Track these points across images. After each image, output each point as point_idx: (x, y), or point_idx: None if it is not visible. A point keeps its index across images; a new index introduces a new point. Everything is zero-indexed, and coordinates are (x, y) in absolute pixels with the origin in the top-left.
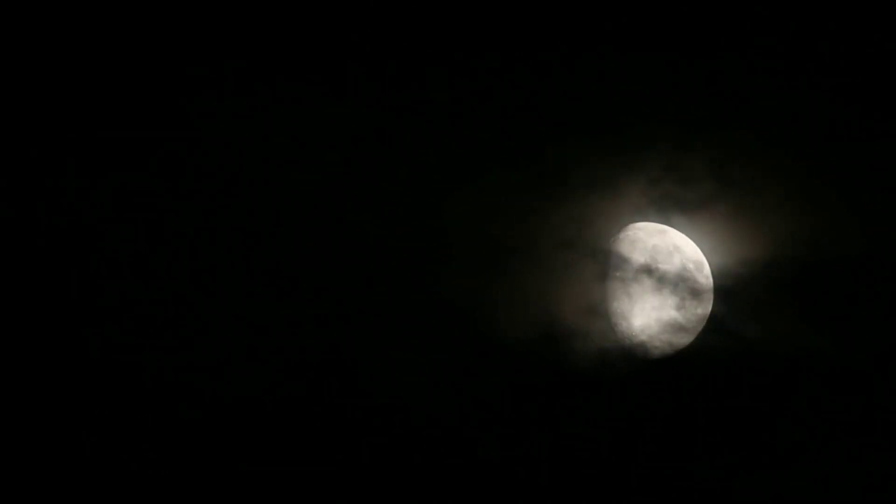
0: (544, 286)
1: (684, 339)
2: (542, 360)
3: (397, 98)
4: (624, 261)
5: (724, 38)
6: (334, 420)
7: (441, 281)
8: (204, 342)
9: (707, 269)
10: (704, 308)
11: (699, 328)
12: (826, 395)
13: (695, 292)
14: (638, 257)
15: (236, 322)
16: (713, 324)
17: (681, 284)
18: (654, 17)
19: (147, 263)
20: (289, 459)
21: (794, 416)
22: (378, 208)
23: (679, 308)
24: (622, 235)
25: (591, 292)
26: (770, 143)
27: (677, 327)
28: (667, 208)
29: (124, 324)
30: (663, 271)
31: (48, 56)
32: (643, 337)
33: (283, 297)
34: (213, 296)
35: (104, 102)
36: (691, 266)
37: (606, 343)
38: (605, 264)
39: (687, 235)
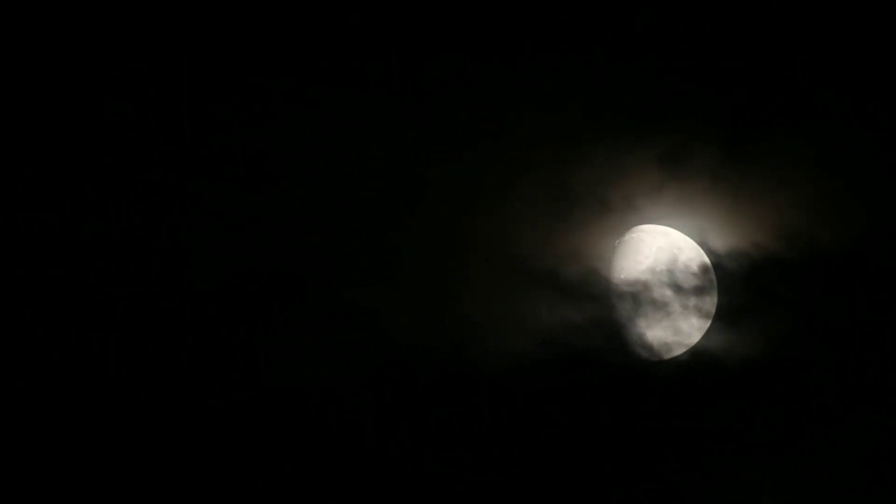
0: (457, 290)
1: (688, 340)
2: (457, 362)
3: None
4: (628, 264)
5: (719, 36)
6: (241, 420)
7: (350, 285)
8: (110, 336)
9: (711, 271)
10: (708, 308)
11: (703, 328)
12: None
13: (698, 293)
14: (642, 259)
15: (147, 320)
16: (716, 323)
17: (684, 286)
18: (655, 17)
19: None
20: (199, 459)
21: (797, 416)
22: (294, 215)
23: (683, 309)
24: (626, 238)
25: (511, 295)
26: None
27: (681, 328)
28: (669, 210)
29: None
30: (667, 273)
31: (48, 56)
32: (649, 339)
33: (198, 302)
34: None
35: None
36: (695, 267)
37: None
38: (606, 268)
39: (689, 237)
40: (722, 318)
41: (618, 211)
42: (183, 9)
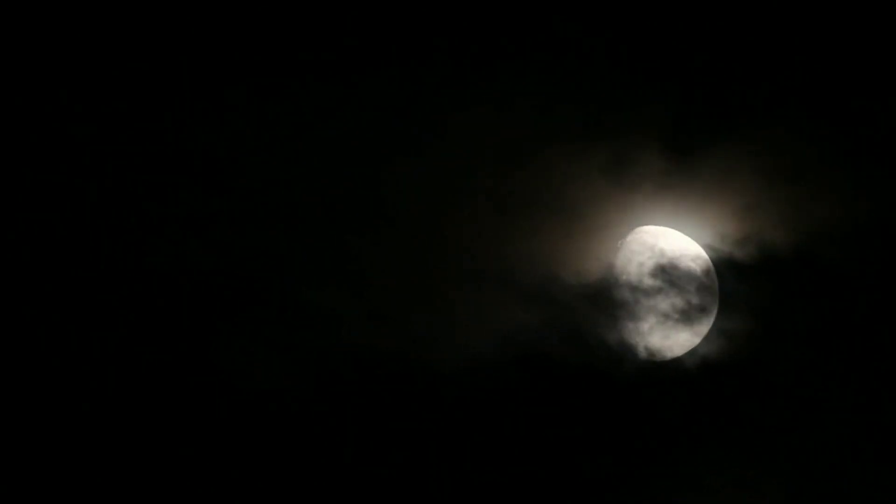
0: (415, 292)
1: (690, 342)
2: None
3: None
4: (630, 265)
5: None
6: (201, 421)
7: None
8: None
9: (712, 271)
10: (709, 310)
11: (704, 330)
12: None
13: (700, 295)
14: (644, 260)
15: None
16: (718, 325)
17: (686, 287)
18: (648, 19)
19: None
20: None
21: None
22: (255, 216)
23: (684, 310)
24: (629, 238)
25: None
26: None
27: (682, 330)
28: (672, 211)
29: None
30: (669, 274)
31: (48, 56)
32: (649, 340)
33: (157, 302)
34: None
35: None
36: (697, 268)
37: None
38: (610, 267)
39: (691, 238)
40: (682, 318)
41: (570, 216)
42: (143, 12)
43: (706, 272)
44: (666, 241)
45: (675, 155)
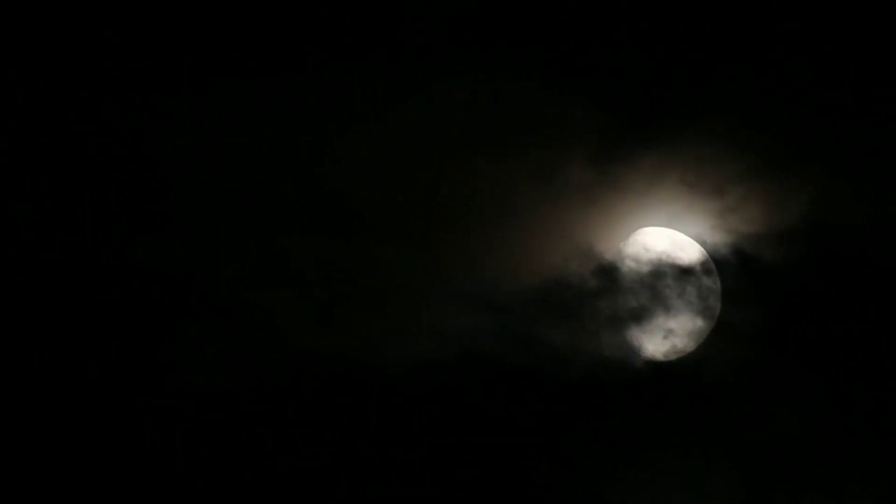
0: (360, 293)
1: (691, 344)
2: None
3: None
4: (633, 265)
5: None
6: (138, 425)
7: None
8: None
9: (715, 272)
10: (712, 312)
11: (706, 332)
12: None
13: (702, 296)
14: (647, 261)
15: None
16: (721, 326)
17: (688, 288)
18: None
19: None
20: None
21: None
22: (196, 215)
23: (686, 312)
24: (631, 239)
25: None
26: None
27: (684, 331)
28: (674, 212)
29: None
30: (671, 275)
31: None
32: (650, 342)
33: (95, 303)
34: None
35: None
36: (699, 269)
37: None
38: (612, 268)
39: (694, 239)
40: (630, 320)
41: (513, 222)
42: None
43: (651, 274)
44: (613, 244)
45: (604, 163)
